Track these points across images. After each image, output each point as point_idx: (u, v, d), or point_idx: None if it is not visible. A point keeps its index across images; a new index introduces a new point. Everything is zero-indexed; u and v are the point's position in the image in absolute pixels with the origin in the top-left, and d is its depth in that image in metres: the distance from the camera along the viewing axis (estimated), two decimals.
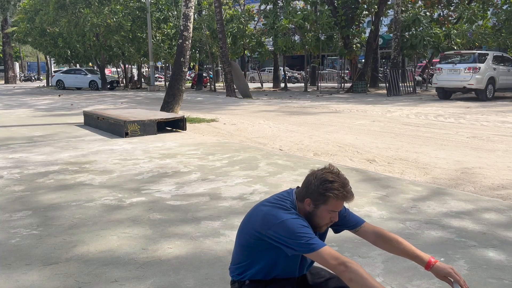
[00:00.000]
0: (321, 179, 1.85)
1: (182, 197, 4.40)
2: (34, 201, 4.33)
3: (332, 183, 1.83)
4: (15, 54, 47.72)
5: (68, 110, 14.56)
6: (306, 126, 9.79)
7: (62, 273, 2.80)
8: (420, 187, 4.69)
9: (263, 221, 1.87)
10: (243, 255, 1.97)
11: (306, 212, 1.90)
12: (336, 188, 1.83)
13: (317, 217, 1.88)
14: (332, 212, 1.87)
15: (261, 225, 1.87)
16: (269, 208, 1.89)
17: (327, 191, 1.83)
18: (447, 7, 24.90)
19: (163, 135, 8.67)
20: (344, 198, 1.85)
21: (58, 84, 30.21)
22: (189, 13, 11.49)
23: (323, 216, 1.88)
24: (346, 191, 1.84)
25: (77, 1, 24.92)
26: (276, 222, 1.82)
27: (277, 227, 1.81)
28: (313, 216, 1.89)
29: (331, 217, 1.88)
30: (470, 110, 12.92)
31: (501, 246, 3.13)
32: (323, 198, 1.84)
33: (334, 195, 1.82)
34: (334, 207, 1.86)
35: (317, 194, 1.85)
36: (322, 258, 1.74)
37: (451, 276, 1.86)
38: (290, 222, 1.79)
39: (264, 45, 27.50)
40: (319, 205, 1.86)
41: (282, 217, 1.82)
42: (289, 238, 1.78)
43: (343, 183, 1.85)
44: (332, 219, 1.89)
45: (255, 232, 1.89)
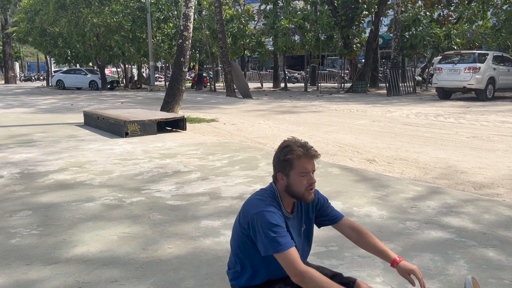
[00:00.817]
0: (280, 149, 1.93)
1: (182, 197, 4.40)
2: (34, 201, 4.33)
3: (289, 146, 1.90)
4: (15, 54, 47.70)
5: (68, 110, 14.56)
6: (306, 126, 9.79)
7: (62, 273, 2.80)
8: (420, 187, 4.69)
9: (243, 212, 1.93)
10: (236, 258, 1.99)
11: (285, 188, 1.93)
12: (294, 149, 1.89)
13: (293, 186, 1.91)
14: (303, 174, 1.90)
15: (243, 218, 1.92)
16: (249, 200, 1.94)
17: (287, 154, 1.89)
18: (447, 7, 24.90)
19: (163, 135, 8.67)
20: (306, 155, 1.89)
21: (58, 84, 30.22)
22: (189, 13, 11.49)
23: (298, 182, 1.90)
24: (305, 149, 1.90)
25: (77, 1, 24.92)
26: (253, 213, 1.86)
27: (254, 218, 1.85)
28: (290, 186, 1.92)
29: (307, 180, 1.91)
30: (470, 110, 12.92)
31: (501, 246, 3.13)
32: (287, 164, 1.90)
33: (295, 155, 1.88)
34: (302, 168, 1.89)
35: (282, 162, 1.91)
36: (284, 261, 1.77)
37: (414, 273, 1.90)
38: (265, 217, 1.82)
39: (264, 45, 27.50)
40: (288, 173, 1.91)
41: (258, 207, 1.86)
42: (262, 233, 1.81)
43: (300, 144, 1.91)
44: (309, 181, 1.91)
45: (240, 228, 1.93)
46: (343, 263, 2.88)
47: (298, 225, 2.03)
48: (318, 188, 4.75)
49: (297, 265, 1.75)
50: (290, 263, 1.76)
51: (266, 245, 1.79)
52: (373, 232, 3.39)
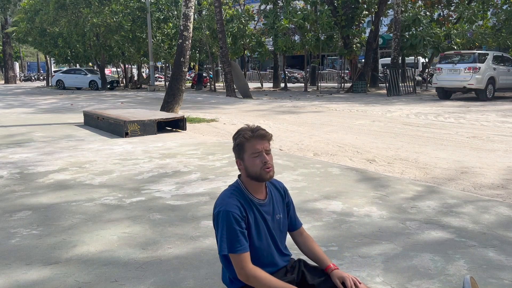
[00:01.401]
0: (233, 138, 2.05)
1: (182, 197, 4.40)
2: (34, 201, 4.33)
3: (238, 132, 2.02)
4: (15, 54, 47.71)
5: (68, 110, 14.55)
6: (306, 126, 9.79)
7: (62, 273, 2.80)
8: (420, 187, 4.69)
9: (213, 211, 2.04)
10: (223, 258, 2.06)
11: (245, 174, 2.03)
12: (241, 133, 1.99)
13: (249, 168, 2.00)
14: (255, 155, 1.98)
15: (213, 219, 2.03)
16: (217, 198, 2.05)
17: (237, 138, 2.01)
18: (447, 7, 24.90)
19: (163, 135, 8.67)
20: (253, 136, 1.98)
21: (58, 84, 30.22)
22: (189, 13, 11.49)
23: (252, 163, 1.99)
24: (253, 130, 1.99)
25: (77, 1, 24.91)
26: (214, 212, 1.99)
27: (217, 217, 1.97)
28: (247, 169, 2.01)
29: (260, 160, 1.98)
30: (470, 110, 12.92)
31: (501, 246, 3.13)
32: (239, 148, 2.01)
33: (243, 138, 1.98)
34: (252, 149, 1.98)
35: (235, 149, 2.03)
36: (235, 263, 1.91)
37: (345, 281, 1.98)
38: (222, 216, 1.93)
39: (264, 45, 27.49)
40: (243, 157, 2.00)
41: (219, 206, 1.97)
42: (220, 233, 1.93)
43: (249, 128, 2.01)
44: (263, 160, 1.98)
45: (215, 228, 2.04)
46: (343, 263, 2.87)
47: (272, 211, 2.10)
48: (318, 188, 4.73)
49: (245, 267, 1.90)
50: (238, 264, 1.90)
51: (221, 245, 1.92)
52: (373, 232, 3.40)
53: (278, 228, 2.12)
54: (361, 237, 3.30)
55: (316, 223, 3.60)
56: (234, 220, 1.91)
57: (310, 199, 4.22)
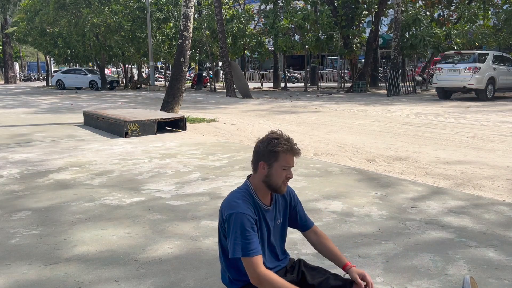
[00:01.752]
0: (267, 140, 2.03)
1: (182, 197, 4.39)
2: (34, 201, 4.33)
3: (278, 139, 2.01)
4: (15, 54, 47.71)
5: (68, 110, 14.55)
6: (306, 126, 9.79)
7: (62, 273, 2.80)
8: (420, 187, 4.69)
9: (220, 214, 2.03)
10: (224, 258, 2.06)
11: (263, 178, 2.02)
12: (282, 143, 2.00)
13: (273, 177, 2.01)
14: (285, 168, 2.01)
15: (220, 218, 2.03)
16: (225, 199, 2.05)
17: (275, 146, 1.99)
18: (448, 7, 24.89)
19: (163, 135, 8.67)
20: (291, 150, 2.01)
21: (58, 84, 30.21)
22: (189, 13, 11.49)
23: (278, 174, 2.01)
24: (292, 145, 2.02)
25: (77, 1, 24.92)
26: (227, 215, 1.96)
27: (228, 219, 1.95)
28: (270, 176, 2.01)
29: (286, 174, 2.02)
30: (470, 110, 12.92)
31: (501, 246, 3.13)
32: (273, 155, 1.99)
33: (282, 148, 1.98)
34: (285, 162, 2.00)
35: (268, 152, 2.00)
36: (247, 265, 1.89)
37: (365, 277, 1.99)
38: (235, 218, 1.92)
39: (264, 45, 27.49)
40: (272, 164, 2.00)
41: (231, 209, 1.95)
42: (233, 236, 1.91)
43: (287, 139, 2.03)
44: (288, 175, 2.02)
45: (222, 229, 2.03)
46: None
47: (274, 217, 2.12)
48: (318, 188, 4.73)
49: (258, 270, 1.88)
50: (251, 267, 1.88)
51: (235, 248, 1.89)
52: (373, 232, 3.40)
53: (279, 233, 2.16)
54: (361, 237, 3.30)
55: (316, 223, 3.57)
56: (248, 223, 1.91)
57: (310, 199, 4.22)
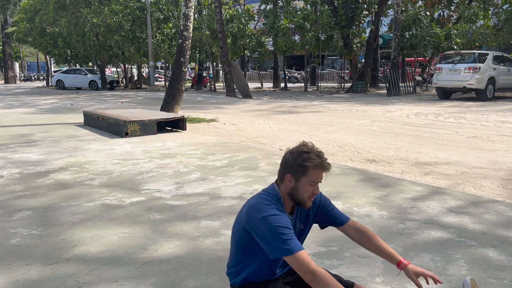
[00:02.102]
0: (298, 152, 1.92)
1: (182, 197, 4.39)
2: (34, 201, 4.33)
3: (308, 153, 1.90)
4: (15, 54, 47.70)
5: (68, 110, 14.55)
6: (306, 126, 9.79)
7: (62, 273, 2.80)
8: (420, 187, 4.69)
9: (248, 217, 1.91)
10: (238, 256, 1.99)
11: (289, 191, 1.94)
12: (313, 158, 1.89)
13: (299, 191, 1.92)
14: (313, 184, 1.92)
15: (247, 221, 1.90)
16: (253, 203, 1.93)
17: (305, 161, 1.89)
18: (448, 7, 24.89)
19: (163, 135, 8.67)
20: (321, 166, 1.90)
21: (58, 84, 30.21)
22: (189, 13, 11.49)
23: (305, 189, 1.92)
24: (322, 161, 1.91)
25: (77, 1, 24.92)
26: (259, 218, 1.85)
27: (260, 222, 1.84)
28: (296, 191, 1.93)
29: (313, 189, 1.93)
30: (470, 110, 12.92)
31: (501, 246, 3.13)
32: (302, 169, 1.90)
33: (312, 164, 1.88)
34: (314, 178, 1.91)
35: (296, 166, 1.91)
36: (295, 263, 1.77)
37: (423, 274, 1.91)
38: (271, 220, 1.82)
39: (264, 45, 27.49)
40: (299, 178, 1.91)
41: (264, 212, 1.85)
42: (270, 237, 1.80)
43: (318, 154, 1.92)
44: (314, 191, 1.93)
45: (244, 230, 1.92)
46: (343, 263, 2.87)
47: (295, 226, 2.04)
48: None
49: (309, 264, 1.76)
50: (301, 263, 1.76)
51: (276, 248, 1.79)
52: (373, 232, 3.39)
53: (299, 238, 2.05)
54: None
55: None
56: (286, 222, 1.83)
57: None
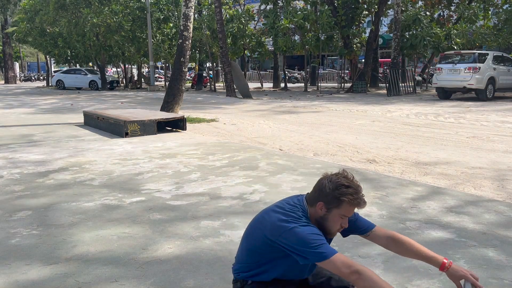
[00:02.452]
0: (336, 184, 1.85)
1: (182, 197, 4.39)
2: (34, 201, 4.33)
3: (347, 188, 1.84)
4: (15, 54, 47.70)
5: (68, 110, 14.55)
6: (306, 126, 9.79)
7: (62, 273, 2.80)
8: (420, 187, 4.69)
9: (273, 227, 1.86)
10: (251, 258, 1.96)
11: (318, 217, 1.89)
12: (351, 193, 1.83)
13: (328, 222, 1.88)
14: (344, 217, 1.88)
15: (272, 231, 1.86)
16: (280, 215, 1.88)
17: (342, 195, 1.83)
18: (448, 7, 24.89)
19: (163, 135, 8.67)
20: (357, 204, 1.85)
21: (58, 84, 30.21)
22: (189, 13, 11.49)
23: (335, 221, 1.87)
24: (359, 198, 1.85)
25: (77, 1, 24.92)
26: (287, 229, 1.81)
27: (288, 234, 1.80)
28: (325, 220, 1.88)
29: (342, 222, 1.88)
30: (470, 110, 12.92)
31: (501, 246, 3.13)
32: (337, 202, 1.84)
33: (348, 199, 1.82)
34: (346, 212, 1.86)
35: (332, 197, 1.84)
36: (334, 266, 1.74)
37: (467, 278, 1.85)
38: (301, 230, 1.79)
39: (264, 45, 27.49)
40: (331, 209, 1.86)
41: (293, 224, 1.81)
42: (300, 246, 1.77)
43: (357, 190, 1.85)
44: (343, 224, 1.89)
45: (265, 238, 1.88)
46: None
47: None
48: None
49: (351, 263, 1.74)
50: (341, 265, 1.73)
51: (309, 254, 1.76)
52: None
53: None
54: (361, 237, 3.29)
55: None
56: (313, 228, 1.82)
57: None
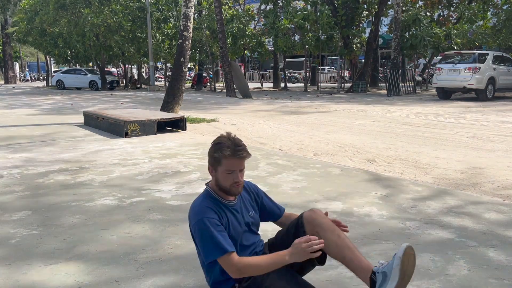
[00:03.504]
0: (212, 145, 2.05)
1: (182, 197, 4.39)
2: (34, 201, 4.33)
3: (219, 144, 2.01)
4: (15, 54, 47.71)
5: (68, 110, 14.56)
6: (306, 126, 9.79)
7: (62, 273, 2.80)
8: (420, 187, 4.69)
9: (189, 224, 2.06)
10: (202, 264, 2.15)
11: (215, 182, 2.07)
12: (223, 148, 1.98)
13: (220, 181, 2.04)
14: (230, 172, 2.00)
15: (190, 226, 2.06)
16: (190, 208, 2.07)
17: (215, 152, 2.02)
18: (448, 7, 24.89)
19: (163, 135, 8.67)
20: (233, 155, 1.98)
21: (58, 84, 30.22)
22: (189, 13, 11.49)
23: (224, 178, 2.02)
24: (235, 149, 1.98)
25: (77, 1, 24.92)
26: (193, 223, 1.99)
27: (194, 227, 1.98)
28: (218, 181, 2.05)
29: (233, 178, 2.00)
30: (470, 110, 12.92)
31: (501, 246, 3.13)
32: (216, 161, 2.02)
33: (223, 154, 1.98)
34: (229, 166, 1.99)
35: (212, 158, 2.06)
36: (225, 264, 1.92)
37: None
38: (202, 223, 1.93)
39: (264, 45, 27.50)
40: (216, 168, 2.02)
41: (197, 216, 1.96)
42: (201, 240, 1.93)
43: (231, 143, 2.00)
44: (235, 179, 1.99)
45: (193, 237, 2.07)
46: None
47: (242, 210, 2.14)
48: (319, 188, 4.73)
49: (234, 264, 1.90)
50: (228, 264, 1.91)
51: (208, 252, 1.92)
52: (373, 232, 3.39)
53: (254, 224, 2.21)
54: (361, 237, 3.30)
55: None
56: (212, 225, 1.94)
57: (310, 199, 4.22)
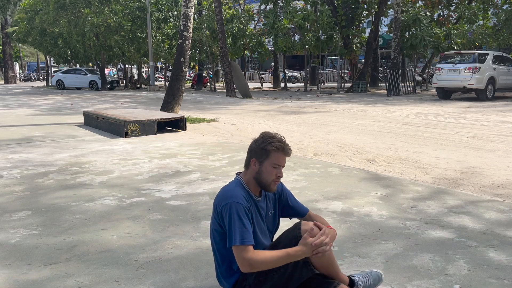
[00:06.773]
0: (262, 138, 2.19)
1: (182, 197, 4.39)
2: (34, 201, 4.33)
3: (270, 138, 2.17)
4: (15, 54, 47.71)
5: (68, 110, 14.56)
6: (306, 126, 9.79)
7: (62, 273, 2.80)
8: (420, 187, 4.69)
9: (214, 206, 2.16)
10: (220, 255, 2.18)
11: (254, 174, 2.18)
12: (274, 142, 2.14)
13: (263, 174, 2.16)
14: (276, 166, 2.15)
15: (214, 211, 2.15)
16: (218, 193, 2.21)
17: (268, 145, 2.14)
18: (448, 7, 24.89)
19: (163, 135, 8.67)
20: (283, 150, 2.15)
21: (58, 84, 30.23)
22: (189, 13, 11.49)
23: (269, 172, 2.15)
24: (284, 144, 2.15)
25: (77, 1, 24.91)
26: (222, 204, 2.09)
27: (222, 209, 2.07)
28: (261, 173, 2.16)
29: (277, 172, 2.15)
30: (470, 110, 12.92)
31: (501, 246, 3.13)
32: (265, 153, 2.13)
33: (274, 147, 2.13)
34: (276, 160, 2.14)
35: (260, 150, 2.15)
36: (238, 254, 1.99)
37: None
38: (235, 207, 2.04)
39: (264, 45, 27.50)
40: (263, 161, 2.15)
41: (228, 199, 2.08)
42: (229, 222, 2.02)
43: (280, 139, 2.17)
44: (278, 174, 2.17)
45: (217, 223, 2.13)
46: (343, 263, 2.87)
47: (266, 207, 2.27)
48: (318, 188, 4.74)
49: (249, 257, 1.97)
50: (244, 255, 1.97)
51: (234, 236, 1.99)
52: (373, 232, 3.40)
53: (271, 223, 2.32)
54: (361, 237, 3.30)
55: None
56: (244, 212, 2.03)
57: (310, 199, 4.22)
